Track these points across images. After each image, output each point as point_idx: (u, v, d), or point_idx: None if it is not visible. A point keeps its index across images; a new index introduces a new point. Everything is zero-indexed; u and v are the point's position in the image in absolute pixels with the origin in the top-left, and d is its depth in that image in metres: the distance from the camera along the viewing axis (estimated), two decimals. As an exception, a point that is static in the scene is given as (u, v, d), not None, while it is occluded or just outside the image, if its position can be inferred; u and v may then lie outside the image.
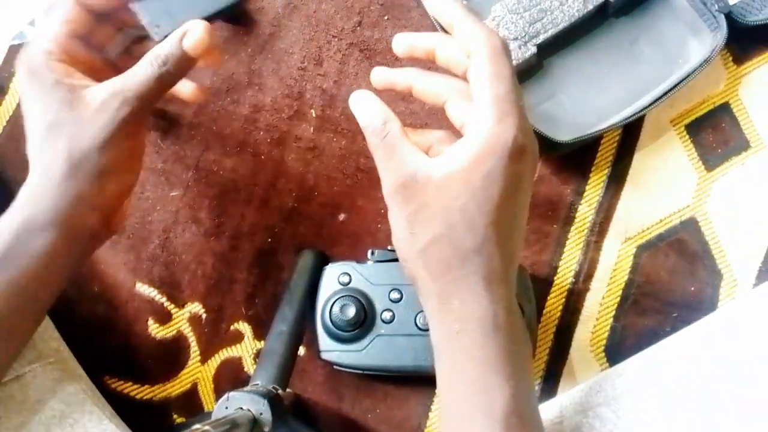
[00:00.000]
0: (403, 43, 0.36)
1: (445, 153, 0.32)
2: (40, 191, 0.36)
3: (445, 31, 0.35)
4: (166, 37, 0.37)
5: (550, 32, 0.49)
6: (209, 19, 0.38)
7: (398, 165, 0.32)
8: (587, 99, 0.50)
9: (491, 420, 0.31)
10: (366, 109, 0.34)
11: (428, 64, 0.36)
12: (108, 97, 0.35)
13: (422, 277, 0.33)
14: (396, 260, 0.46)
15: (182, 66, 0.36)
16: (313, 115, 0.53)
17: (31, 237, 0.35)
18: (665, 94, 0.47)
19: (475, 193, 0.31)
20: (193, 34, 0.36)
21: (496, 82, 0.32)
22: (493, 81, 0.32)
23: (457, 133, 0.35)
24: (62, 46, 0.37)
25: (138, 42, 0.43)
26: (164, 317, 0.51)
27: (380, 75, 0.37)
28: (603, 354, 0.49)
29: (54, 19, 0.37)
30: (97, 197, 0.36)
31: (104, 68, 0.40)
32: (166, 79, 0.36)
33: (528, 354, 0.34)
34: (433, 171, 0.32)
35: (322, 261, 0.48)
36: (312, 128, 0.53)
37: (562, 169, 0.52)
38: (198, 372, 0.51)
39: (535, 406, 0.34)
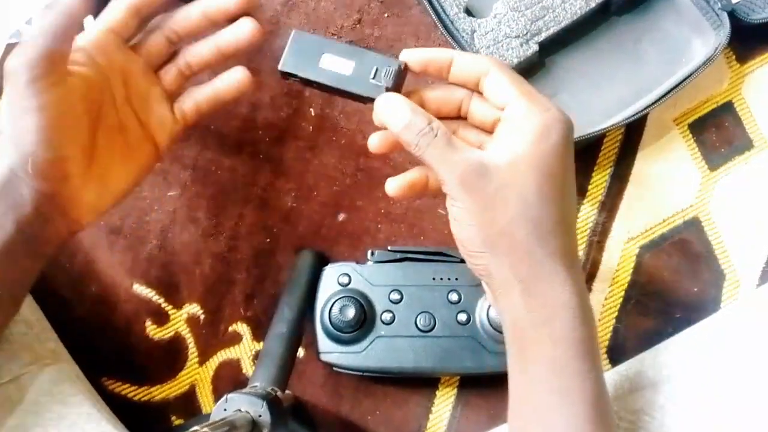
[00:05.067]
0: (417, 57, 0.35)
1: (500, 141, 0.33)
2: None
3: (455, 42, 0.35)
4: (285, 73, 0.37)
5: (552, 30, 0.49)
6: (330, 92, 0.37)
7: (460, 158, 0.32)
8: (589, 98, 0.50)
9: (577, 408, 0.31)
10: (402, 111, 0.34)
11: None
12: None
13: (500, 264, 0.32)
14: (396, 261, 0.46)
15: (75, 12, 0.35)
16: (313, 114, 0.53)
17: None
18: (668, 93, 0.47)
19: (544, 173, 0.32)
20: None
21: (520, 82, 0.34)
22: (515, 82, 0.33)
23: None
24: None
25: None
26: (162, 318, 0.51)
27: (415, 54, 0.35)
28: (605, 355, 0.49)
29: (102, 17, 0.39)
30: (28, 148, 0.34)
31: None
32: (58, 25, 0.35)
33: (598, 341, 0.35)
34: (500, 157, 0.32)
35: (321, 261, 0.48)
36: (311, 127, 0.52)
37: (563, 168, 0.51)
38: (196, 373, 0.50)
39: (608, 392, 0.34)
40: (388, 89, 0.35)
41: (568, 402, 0.31)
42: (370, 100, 0.35)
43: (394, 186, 0.37)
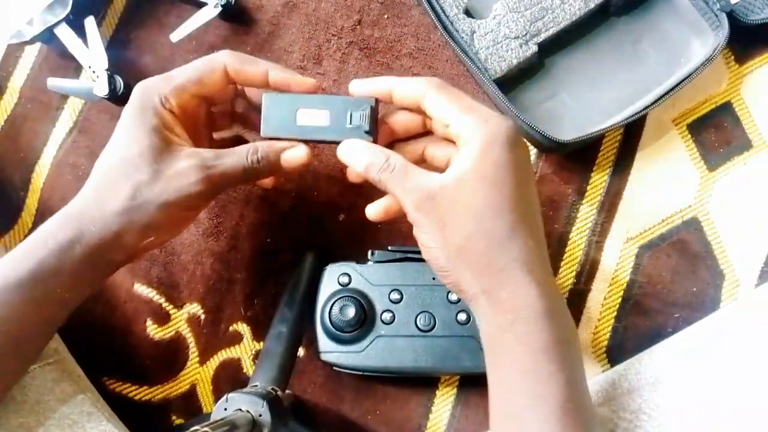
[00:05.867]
0: (362, 89, 0.38)
1: (453, 159, 0.34)
2: (87, 217, 0.36)
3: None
4: (269, 138, 0.38)
5: (552, 31, 0.49)
6: (314, 143, 0.39)
7: (414, 185, 0.34)
8: (589, 98, 0.50)
9: (547, 409, 0.32)
10: (362, 154, 0.36)
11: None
12: (194, 166, 0.36)
13: (466, 278, 0.34)
14: (396, 260, 0.46)
15: (269, 170, 0.39)
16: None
17: (63, 258, 0.36)
18: (667, 93, 0.47)
19: (491, 183, 0.33)
20: (297, 153, 0.39)
21: (458, 99, 0.35)
22: (453, 99, 0.34)
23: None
24: (180, 99, 0.38)
25: (247, 126, 0.44)
26: (163, 318, 0.51)
27: (360, 86, 0.38)
28: (604, 355, 0.49)
29: (190, 71, 0.38)
30: (132, 242, 0.37)
31: (206, 125, 0.42)
32: (250, 173, 0.38)
33: (576, 342, 0.35)
34: (447, 178, 0.33)
35: (321, 261, 0.48)
36: (311, 128, 0.53)
37: (563, 168, 0.51)
38: (197, 373, 0.50)
39: (587, 392, 0.34)
40: (366, 132, 0.37)
41: (540, 405, 0.32)
42: None
43: (372, 211, 0.39)
